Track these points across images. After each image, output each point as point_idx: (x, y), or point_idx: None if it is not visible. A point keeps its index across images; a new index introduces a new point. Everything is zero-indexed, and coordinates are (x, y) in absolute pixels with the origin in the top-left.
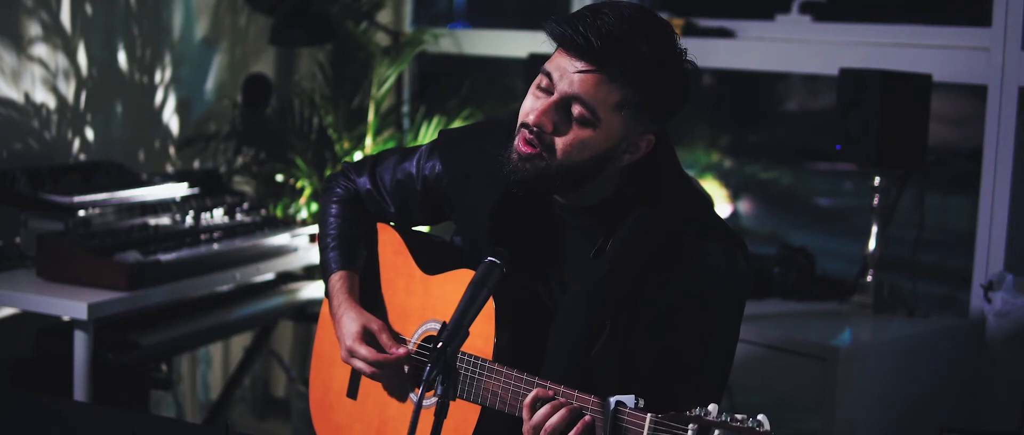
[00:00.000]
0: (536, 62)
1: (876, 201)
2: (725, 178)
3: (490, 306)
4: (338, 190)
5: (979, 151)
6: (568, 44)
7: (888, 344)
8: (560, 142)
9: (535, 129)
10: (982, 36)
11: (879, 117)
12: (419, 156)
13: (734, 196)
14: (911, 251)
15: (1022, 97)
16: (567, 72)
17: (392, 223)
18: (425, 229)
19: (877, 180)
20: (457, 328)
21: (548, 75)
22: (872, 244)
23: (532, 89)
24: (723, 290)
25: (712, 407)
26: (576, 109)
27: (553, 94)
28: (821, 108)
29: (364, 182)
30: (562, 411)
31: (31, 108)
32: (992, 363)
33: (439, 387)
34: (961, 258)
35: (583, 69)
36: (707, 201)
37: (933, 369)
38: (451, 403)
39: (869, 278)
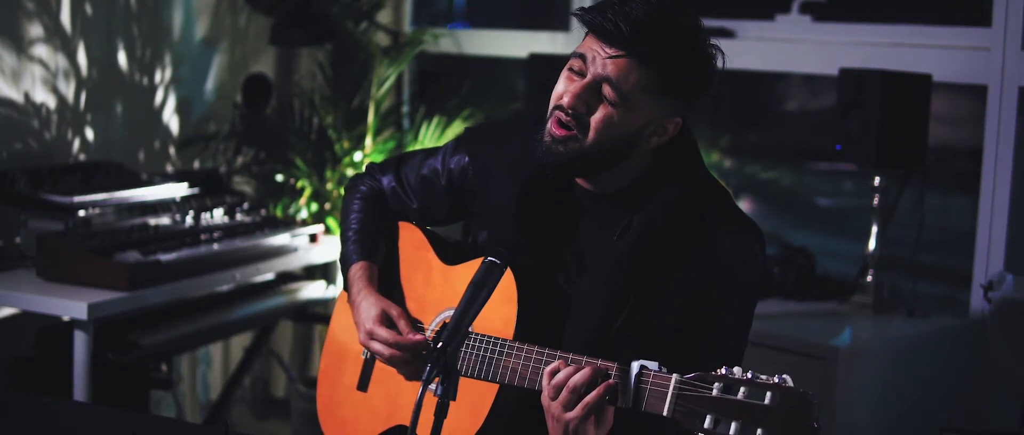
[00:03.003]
0: (536, 62)
1: (876, 201)
2: (725, 178)
3: (512, 291)
4: (362, 187)
5: (979, 151)
6: (598, 30)
7: (888, 344)
8: (593, 122)
9: (570, 111)
10: (982, 36)
11: (879, 117)
12: (444, 152)
13: (734, 196)
14: (911, 251)
15: (1022, 97)
16: (599, 56)
17: (413, 221)
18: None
19: (877, 180)
20: (457, 328)
21: (581, 58)
22: (872, 244)
23: (564, 72)
24: (736, 276)
25: (737, 369)
26: (607, 91)
27: (586, 76)
28: (821, 108)
29: (388, 180)
30: (586, 369)
31: (31, 108)
32: (992, 363)
33: (439, 387)
34: (961, 258)
35: (614, 54)
36: (725, 191)
37: (933, 369)
38: (469, 383)
39: (869, 278)
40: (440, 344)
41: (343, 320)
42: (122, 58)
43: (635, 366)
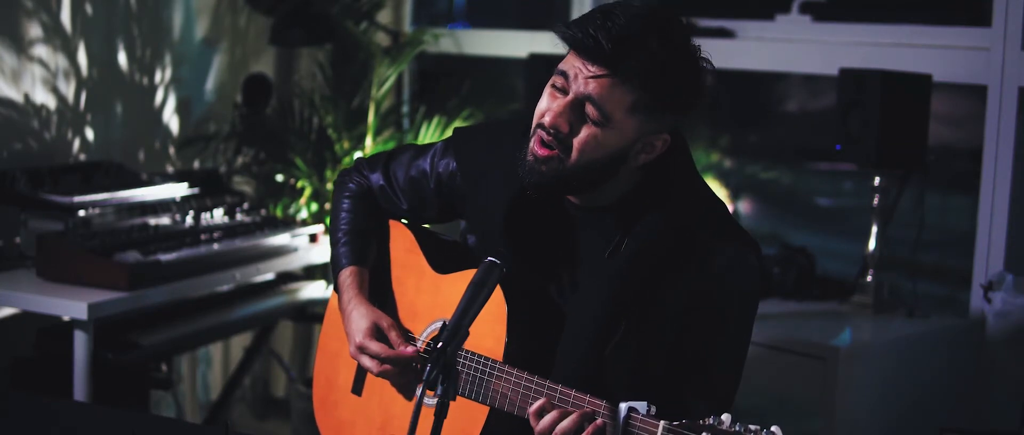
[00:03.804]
0: (536, 62)
1: (876, 201)
2: (725, 178)
3: (502, 307)
4: (351, 185)
5: (979, 151)
6: (580, 47)
7: (888, 344)
8: (576, 142)
9: (551, 130)
10: (982, 36)
11: (879, 117)
12: (433, 154)
13: (734, 196)
14: (911, 251)
15: (1022, 97)
16: (581, 74)
17: (404, 220)
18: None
19: (877, 180)
20: (457, 328)
21: (563, 75)
22: (872, 244)
23: (547, 89)
24: (734, 291)
25: (725, 417)
26: (590, 110)
27: (568, 94)
28: (821, 108)
29: (377, 178)
30: (573, 415)
31: (31, 108)
32: (992, 363)
33: (439, 387)
34: (961, 258)
35: (596, 73)
36: (720, 203)
37: (933, 369)
38: (460, 402)
39: (869, 278)
40: (440, 344)
41: (337, 320)
42: (122, 58)
43: (623, 408)
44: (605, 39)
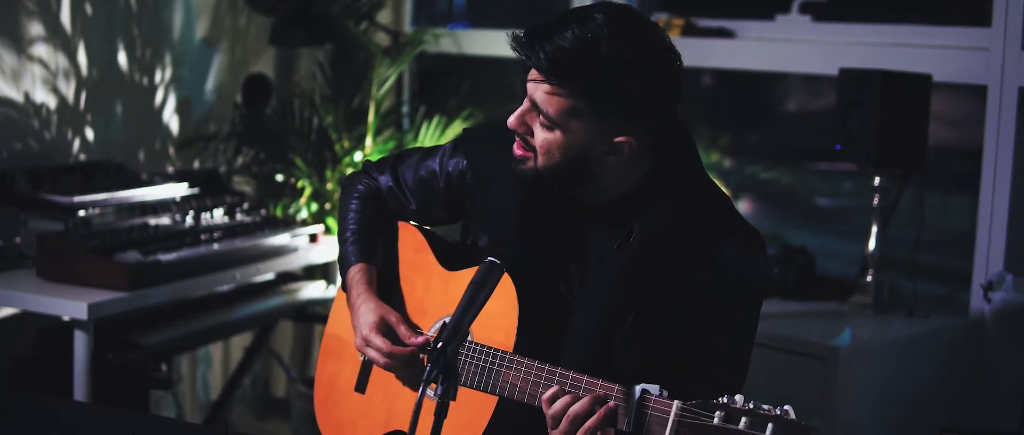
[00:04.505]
0: None
1: (876, 201)
2: (725, 178)
3: (514, 302)
4: (359, 187)
5: (979, 151)
6: (522, 57)
7: (888, 344)
8: (536, 144)
9: (516, 133)
10: (982, 36)
11: (879, 117)
12: (442, 154)
13: (734, 196)
14: (911, 251)
15: (1022, 97)
16: (529, 80)
17: (412, 221)
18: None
19: (877, 180)
20: (457, 328)
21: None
22: (872, 244)
23: None
24: (740, 285)
25: (738, 397)
26: (540, 115)
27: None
28: (821, 108)
29: (386, 180)
30: (585, 399)
31: (31, 108)
32: (992, 363)
33: (439, 387)
34: (961, 258)
35: (534, 78)
36: (726, 198)
37: (933, 369)
38: (469, 394)
39: (869, 278)
40: (440, 344)
41: (342, 319)
42: (122, 58)
43: (637, 390)
44: (541, 50)
